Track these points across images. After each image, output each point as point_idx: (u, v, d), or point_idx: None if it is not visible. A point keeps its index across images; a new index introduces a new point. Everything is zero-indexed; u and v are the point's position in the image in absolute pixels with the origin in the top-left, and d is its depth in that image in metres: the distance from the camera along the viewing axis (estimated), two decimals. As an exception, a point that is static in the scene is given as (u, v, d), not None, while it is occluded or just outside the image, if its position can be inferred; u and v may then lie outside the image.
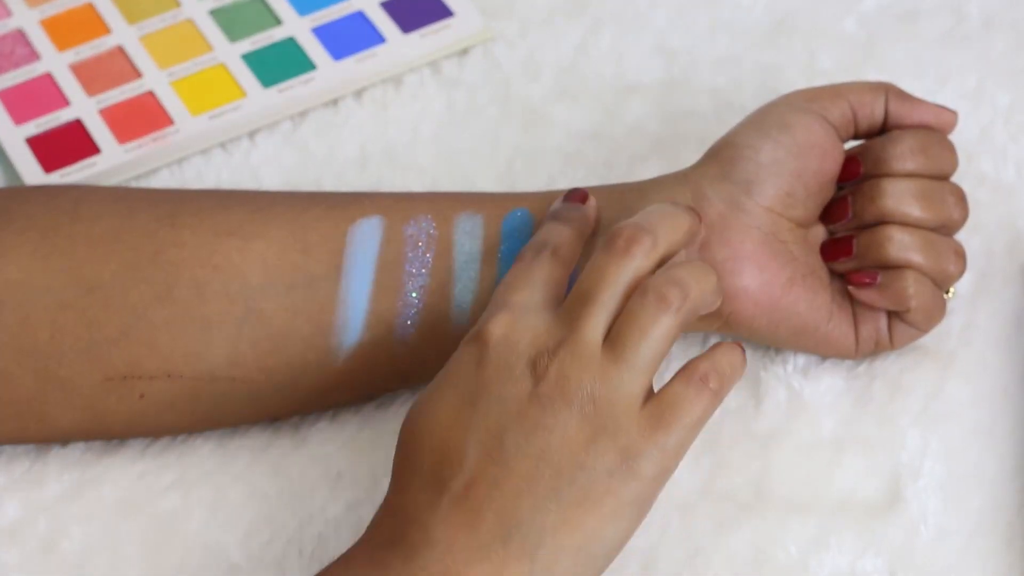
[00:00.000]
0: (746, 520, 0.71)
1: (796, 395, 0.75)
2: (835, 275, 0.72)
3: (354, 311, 0.69)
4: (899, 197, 0.70)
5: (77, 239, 0.68)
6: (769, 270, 0.70)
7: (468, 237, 0.70)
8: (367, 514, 0.71)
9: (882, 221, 0.71)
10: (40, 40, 0.89)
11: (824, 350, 0.73)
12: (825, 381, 0.75)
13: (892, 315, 0.72)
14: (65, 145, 0.85)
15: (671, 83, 0.87)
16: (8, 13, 0.90)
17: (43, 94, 0.87)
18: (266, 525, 0.71)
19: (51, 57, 0.89)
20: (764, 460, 0.73)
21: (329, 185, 0.84)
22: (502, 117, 0.87)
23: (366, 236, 0.69)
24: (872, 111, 0.72)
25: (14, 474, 0.73)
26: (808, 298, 0.71)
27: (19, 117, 0.86)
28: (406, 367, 0.70)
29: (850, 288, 0.71)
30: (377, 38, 0.89)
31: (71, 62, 0.88)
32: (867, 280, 0.71)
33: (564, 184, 0.83)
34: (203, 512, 0.72)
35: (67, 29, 0.90)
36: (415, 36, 0.89)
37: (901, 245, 0.70)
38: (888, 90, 0.72)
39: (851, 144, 0.75)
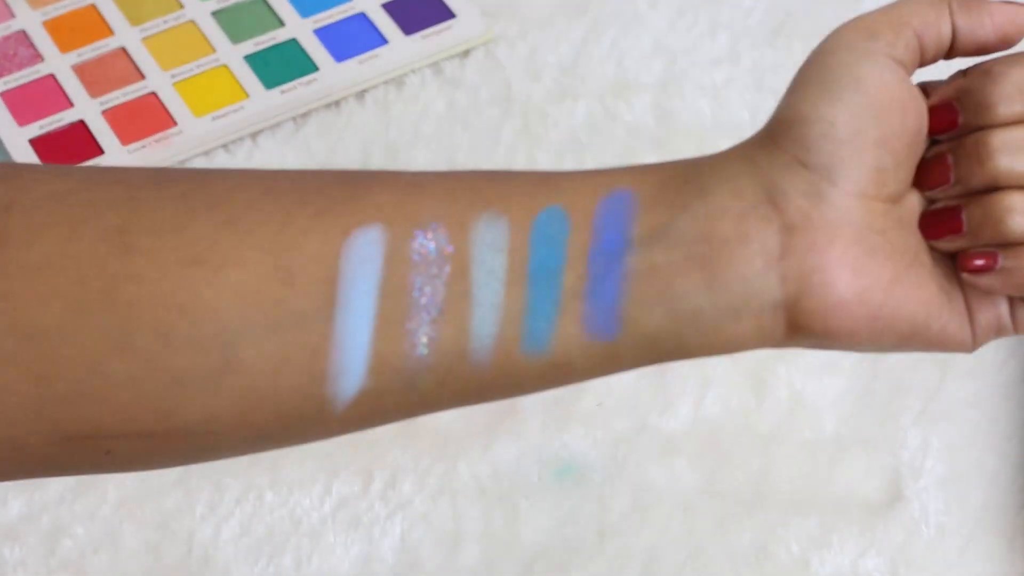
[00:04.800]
0: (748, 519, 0.71)
1: (797, 394, 0.75)
2: (938, 254, 0.59)
3: (352, 355, 0.57)
4: (1014, 153, 0.57)
5: (11, 271, 0.56)
6: (867, 274, 0.57)
7: (490, 250, 0.58)
8: (364, 512, 0.71)
9: (994, 186, 0.58)
10: (43, 42, 0.89)
11: (937, 348, 0.59)
12: (826, 380, 0.75)
13: (1015, 297, 0.59)
14: (68, 146, 0.85)
15: (671, 83, 0.88)
16: (11, 15, 0.90)
17: (46, 95, 0.87)
18: (266, 524, 0.72)
19: (54, 59, 0.89)
20: (766, 459, 0.73)
21: (331, 186, 0.84)
22: (503, 117, 0.87)
23: (364, 257, 0.57)
24: (939, 32, 0.59)
25: (17, 473, 0.73)
26: (915, 296, 0.58)
27: (22, 118, 0.86)
28: (420, 410, 0.60)
29: (964, 275, 0.58)
30: (379, 39, 0.89)
31: (74, 64, 0.88)
32: (985, 263, 0.58)
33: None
34: (204, 511, 0.72)
35: (70, 31, 0.90)
36: (417, 37, 0.89)
37: None
38: (950, 1, 0.59)
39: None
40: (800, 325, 0.57)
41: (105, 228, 0.57)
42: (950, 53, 0.60)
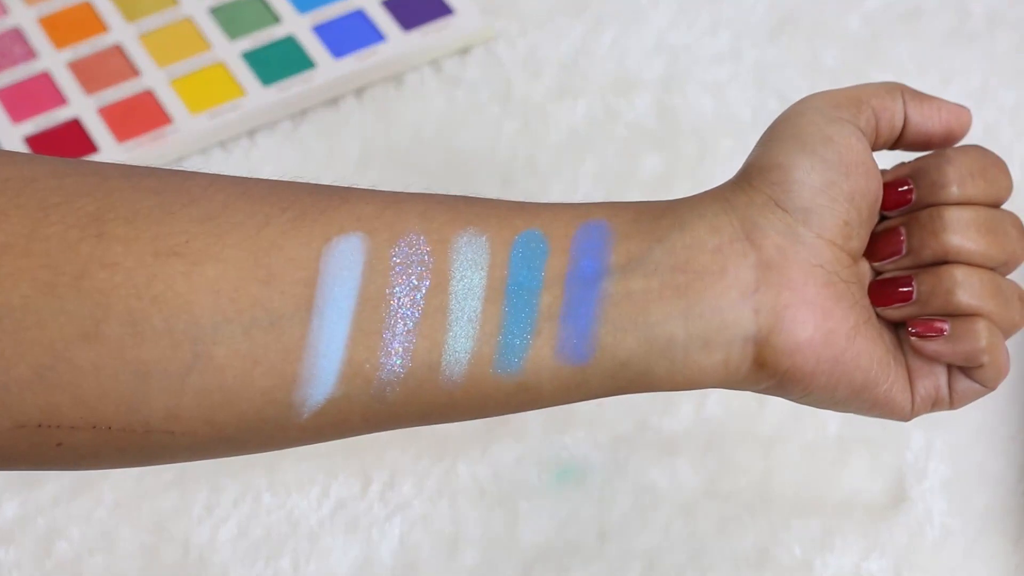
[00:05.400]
0: (750, 521, 0.71)
1: (800, 395, 0.74)
2: (883, 324, 0.61)
3: (325, 360, 0.56)
4: (964, 230, 0.60)
5: None
6: (834, 318, 0.59)
7: (470, 266, 0.58)
8: (363, 514, 0.71)
9: (944, 259, 0.61)
10: (38, 38, 0.89)
11: (879, 411, 0.62)
12: (829, 381, 0.75)
13: (953, 370, 0.62)
14: (63, 144, 0.85)
15: (673, 81, 0.87)
16: (5, 11, 0.90)
17: (41, 92, 0.87)
18: (264, 526, 0.71)
19: (49, 55, 0.88)
20: (768, 461, 0.73)
21: (329, 184, 0.84)
22: (503, 115, 0.86)
23: (344, 264, 0.57)
24: (893, 116, 0.62)
25: (12, 474, 0.72)
26: (870, 350, 0.60)
27: (17, 115, 0.86)
28: (383, 425, 0.59)
29: (913, 340, 0.60)
30: (377, 36, 0.89)
31: (69, 60, 0.88)
32: (934, 331, 0.60)
33: (561, 182, 0.83)
34: (201, 513, 0.71)
35: (65, 27, 0.89)
36: (416, 34, 0.89)
37: (972, 290, 0.60)
38: (903, 91, 0.63)
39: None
40: (766, 362, 0.59)
41: (79, 214, 0.55)
42: (897, 143, 0.63)
